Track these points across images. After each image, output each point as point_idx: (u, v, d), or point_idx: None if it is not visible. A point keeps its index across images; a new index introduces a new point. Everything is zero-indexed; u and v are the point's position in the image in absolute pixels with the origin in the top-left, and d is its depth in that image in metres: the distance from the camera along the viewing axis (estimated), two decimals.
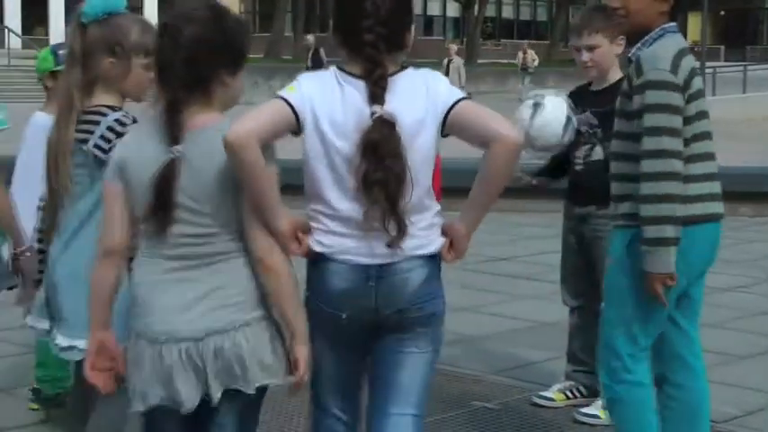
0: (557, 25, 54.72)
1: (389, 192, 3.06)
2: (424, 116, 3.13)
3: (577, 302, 5.31)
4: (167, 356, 3.06)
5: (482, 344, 6.46)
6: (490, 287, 7.82)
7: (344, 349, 3.26)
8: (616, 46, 5.06)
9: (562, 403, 5.29)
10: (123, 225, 3.15)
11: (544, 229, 9.43)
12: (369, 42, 3.08)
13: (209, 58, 3.05)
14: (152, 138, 3.09)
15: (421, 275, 3.19)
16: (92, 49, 3.62)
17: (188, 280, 3.09)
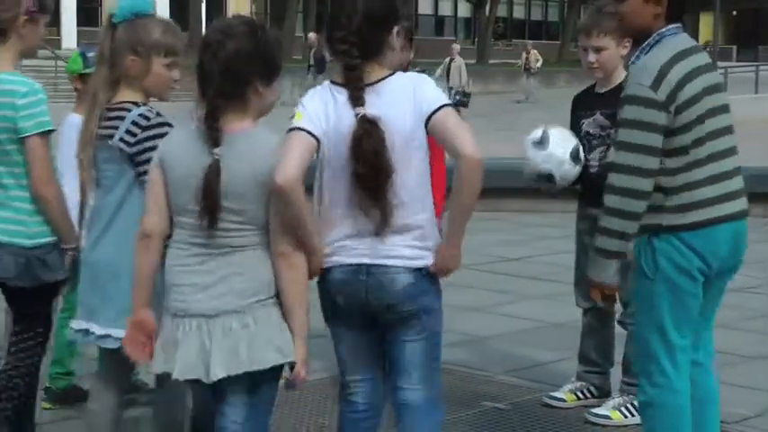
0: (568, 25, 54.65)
1: (372, 183, 3.38)
2: (410, 119, 3.43)
3: (590, 304, 5.29)
4: (180, 329, 3.38)
5: (493, 344, 6.47)
6: (502, 287, 7.82)
7: (350, 328, 3.63)
8: (623, 48, 5.07)
9: (573, 404, 5.29)
10: (161, 211, 3.45)
11: (556, 229, 9.42)
12: (343, 51, 3.43)
13: (245, 69, 3.35)
14: (193, 140, 3.39)
15: (409, 278, 3.52)
16: (118, 49, 3.81)
17: (209, 265, 3.38)
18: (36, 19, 4.08)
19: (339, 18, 3.46)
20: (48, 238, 4.07)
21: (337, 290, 3.55)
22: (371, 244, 3.48)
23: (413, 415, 3.65)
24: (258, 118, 3.44)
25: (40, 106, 4.00)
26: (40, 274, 4.06)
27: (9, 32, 4.06)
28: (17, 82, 4.01)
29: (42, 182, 4.00)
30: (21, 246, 4.04)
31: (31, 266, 4.05)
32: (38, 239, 4.05)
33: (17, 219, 4.05)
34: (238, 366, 3.34)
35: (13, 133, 3.98)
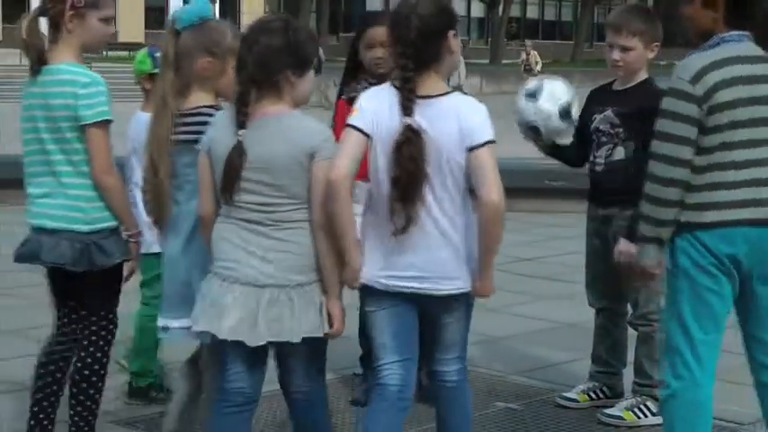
0: (581, 25, 54.63)
1: (403, 187, 3.64)
2: (454, 141, 3.67)
3: (602, 304, 5.30)
4: (229, 295, 3.69)
5: (506, 344, 6.47)
6: (514, 288, 7.82)
7: (393, 312, 3.84)
8: (650, 51, 5.05)
9: (586, 404, 5.29)
10: (210, 193, 3.80)
11: (568, 229, 9.41)
12: (400, 65, 3.69)
13: (276, 60, 3.69)
14: (230, 124, 3.72)
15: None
16: (188, 52, 3.97)
17: (254, 240, 3.70)
18: (83, 14, 4.17)
19: (395, 32, 3.72)
20: (106, 223, 4.19)
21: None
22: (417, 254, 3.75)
23: (452, 392, 3.96)
24: (296, 105, 3.77)
25: (100, 97, 4.11)
26: (95, 259, 4.17)
27: (60, 26, 4.17)
28: (78, 72, 4.13)
29: (102, 170, 4.13)
30: (78, 231, 4.16)
31: (87, 251, 4.16)
32: (96, 225, 4.17)
33: (74, 205, 4.17)
34: (280, 335, 3.68)
35: (74, 121, 4.10)
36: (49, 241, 4.19)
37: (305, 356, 3.82)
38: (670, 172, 3.86)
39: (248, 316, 3.69)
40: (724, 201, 3.87)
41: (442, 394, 4.01)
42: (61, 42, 4.18)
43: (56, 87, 4.13)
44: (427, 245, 3.75)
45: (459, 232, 3.78)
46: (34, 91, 4.20)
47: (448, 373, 3.97)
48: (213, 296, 3.73)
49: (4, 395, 5.39)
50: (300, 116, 3.75)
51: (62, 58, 4.17)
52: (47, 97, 4.15)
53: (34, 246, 4.23)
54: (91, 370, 4.31)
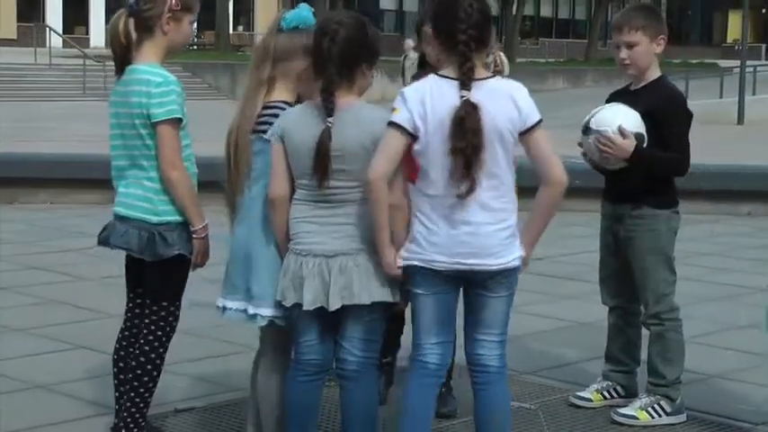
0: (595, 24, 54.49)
1: (467, 158, 3.84)
2: (506, 119, 3.90)
3: (615, 302, 5.28)
4: (305, 267, 4.02)
5: (520, 343, 6.45)
6: (529, 287, 7.78)
7: (436, 291, 4.02)
8: (656, 45, 5.04)
9: (599, 403, 5.28)
10: (286, 178, 4.07)
11: (583, 228, 9.39)
12: (462, 41, 3.88)
13: (357, 53, 4.00)
14: (310, 114, 4.02)
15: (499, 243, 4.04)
16: (289, 52, 4.20)
17: (326, 216, 4.02)
18: (179, 17, 4.37)
19: (457, 13, 3.90)
20: (173, 216, 4.37)
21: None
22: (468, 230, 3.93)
23: (493, 380, 4.08)
24: (360, 95, 4.06)
25: (171, 96, 4.29)
26: (158, 250, 4.36)
27: (154, 29, 4.36)
28: (154, 73, 4.32)
29: (169, 165, 4.31)
30: (147, 221, 4.37)
31: (152, 241, 4.36)
32: (164, 217, 4.36)
33: (145, 196, 4.38)
34: (351, 298, 3.98)
35: (147, 119, 4.30)
36: (121, 227, 4.42)
37: (365, 325, 4.06)
38: None
39: (323, 285, 4.00)
40: None
41: (482, 381, 4.10)
42: (149, 43, 4.37)
43: (135, 86, 4.33)
44: (479, 221, 3.94)
45: (509, 209, 4.00)
46: (118, 89, 4.42)
47: (489, 357, 4.08)
48: (293, 271, 4.04)
49: (14, 393, 5.41)
50: (368, 105, 4.04)
51: (147, 58, 4.36)
52: (127, 95, 4.36)
53: (109, 231, 4.48)
54: (148, 358, 4.44)
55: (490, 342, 4.09)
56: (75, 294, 7.53)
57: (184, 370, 5.75)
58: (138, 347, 4.44)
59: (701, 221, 10.44)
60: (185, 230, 4.40)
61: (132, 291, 4.60)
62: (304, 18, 4.25)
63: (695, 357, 5.66)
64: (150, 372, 4.44)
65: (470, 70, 3.89)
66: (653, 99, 5.00)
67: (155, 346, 4.44)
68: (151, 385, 4.46)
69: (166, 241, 4.36)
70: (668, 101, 5.06)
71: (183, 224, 4.40)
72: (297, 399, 4.17)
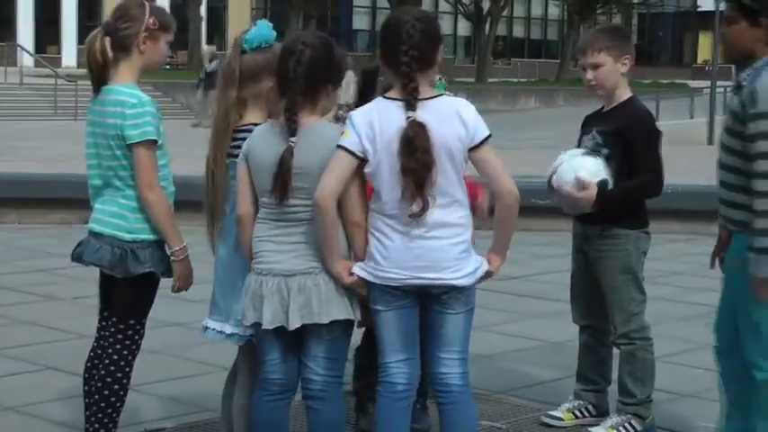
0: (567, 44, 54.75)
1: (418, 178, 3.88)
2: (454, 137, 3.95)
3: (586, 321, 5.30)
4: (264, 286, 4.04)
5: (491, 363, 6.46)
6: (500, 306, 7.82)
7: (398, 309, 4.06)
8: (621, 65, 5.06)
9: (571, 423, 5.29)
10: (250, 197, 4.11)
11: (554, 248, 9.43)
12: (404, 63, 3.93)
13: (322, 74, 4.03)
14: (273, 133, 4.05)
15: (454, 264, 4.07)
16: (255, 73, 4.21)
17: (286, 235, 4.05)
18: (156, 36, 4.37)
19: (401, 34, 3.94)
20: (146, 235, 4.37)
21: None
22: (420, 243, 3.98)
23: (457, 397, 4.08)
24: (323, 116, 4.09)
25: (146, 117, 4.29)
26: (129, 267, 4.35)
27: (131, 48, 4.36)
28: (129, 94, 4.31)
29: (146, 187, 4.31)
30: (119, 238, 4.36)
31: (124, 258, 4.35)
32: (137, 234, 4.36)
33: (120, 213, 4.38)
34: (310, 317, 4.00)
35: (122, 140, 4.30)
36: (95, 244, 4.41)
37: (327, 344, 4.07)
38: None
39: (282, 304, 4.02)
40: None
41: (446, 401, 4.10)
42: (125, 63, 4.37)
43: (110, 107, 4.33)
44: (434, 236, 3.97)
45: (464, 224, 4.03)
46: (95, 109, 4.42)
47: (451, 375, 4.08)
48: (254, 290, 4.08)
49: None
50: (330, 125, 4.10)
51: (123, 78, 4.36)
52: (103, 116, 4.35)
53: (83, 247, 4.47)
54: (115, 378, 4.42)
55: (451, 360, 4.09)
56: (45, 315, 7.47)
57: (155, 390, 5.72)
58: (104, 366, 4.42)
59: (673, 241, 10.50)
60: (159, 249, 4.40)
61: (105, 309, 4.58)
62: (265, 36, 4.25)
63: (667, 376, 5.69)
64: (117, 391, 4.41)
65: (414, 90, 3.93)
66: (622, 120, 5.03)
67: (120, 365, 4.42)
68: (119, 404, 4.44)
69: (138, 259, 4.35)
70: (637, 121, 5.08)
71: (156, 243, 4.39)
72: (263, 418, 4.18)
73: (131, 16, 4.35)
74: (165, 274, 4.44)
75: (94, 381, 4.45)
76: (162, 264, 4.41)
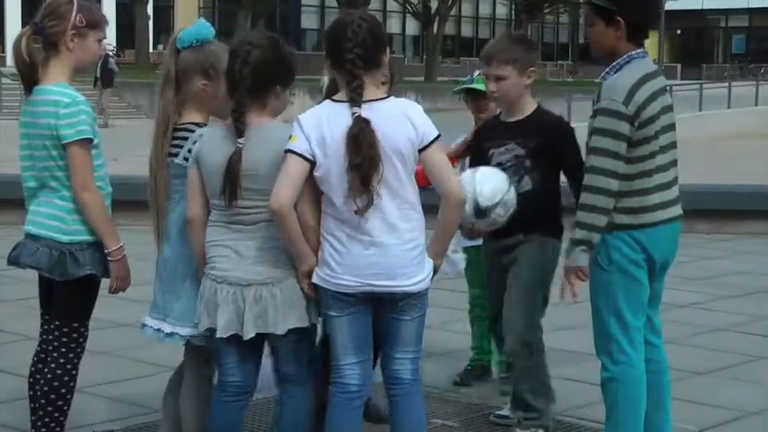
0: None
1: (363, 172, 3.86)
2: (403, 138, 3.94)
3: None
4: (219, 294, 4.02)
5: (443, 361, 6.46)
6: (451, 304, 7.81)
7: (352, 313, 4.06)
8: (526, 78, 4.96)
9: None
10: (200, 200, 4.08)
11: None
12: (348, 60, 3.92)
13: (270, 74, 4.00)
14: (221, 135, 4.04)
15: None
16: (186, 72, 4.19)
17: (240, 240, 4.02)
18: (84, 34, 4.30)
19: (345, 32, 3.94)
20: (85, 236, 4.31)
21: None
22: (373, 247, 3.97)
23: (407, 389, 4.13)
24: (274, 116, 4.07)
25: (81, 116, 4.23)
26: (68, 269, 4.29)
27: (59, 46, 4.30)
28: (62, 93, 4.25)
29: (82, 187, 4.25)
30: (57, 240, 4.31)
31: (62, 260, 4.29)
32: (75, 236, 4.31)
33: (57, 215, 4.31)
34: (266, 327, 4.00)
35: (56, 140, 4.24)
36: (32, 246, 4.35)
37: (293, 347, 4.09)
38: (608, 183, 4.21)
39: (237, 313, 4.01)
40: (653, 204, 4.32)
41: (397, 393, 4.15)
42: (55, 61, 4.32)
43: (43, 107, 4.27)
44: (386, 242, 3.97)
45: (417, 227, 4.02)
46: (27, 110, 4.35)
47: (403, 371, 4.13)
48: (208, 296, 4.06)
49: None
50: (281, 125, 4.05)
51: (55, 77, 4.30)
52: (36, 116, 4.29)
53: (20, 250, 4.40)
54: (61, 381, 4.38)
55: (405, 359, 4.15)
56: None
57: (101, 392, 5.68)
58: (49, 370, 4.37)
59: None
60: (98, 250, 4.35)
61: (46, 311, 4.53)
62: (197, 35, 4.22)
63: None
64: (64, 394, 4.37)
65: (359, 87, 3.93)
66: (540, 136, 4.92)
67: (67, 368, 4.37)
68: (65, 407, 4.39)
69: (77, 261, 4.30)
70: (556, 133, 4.98)
71: (95, 244, 4.34)
72: (221, 419, 4.19)
73: (58, 14, 4.29)
74: (106, 274, 4.39)
75: (39, 385, 4.40)
76: (102, 265, 4.36)
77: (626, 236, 4.30)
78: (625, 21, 4.29)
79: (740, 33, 64.62)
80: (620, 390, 4.40)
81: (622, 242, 4.31)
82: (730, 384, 6.18)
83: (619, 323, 4.36)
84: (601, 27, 4.34)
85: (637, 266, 4.33)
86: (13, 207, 9.98)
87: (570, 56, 66.03)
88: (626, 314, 4.36)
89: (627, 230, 4.30)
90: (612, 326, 4.37)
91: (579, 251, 4.28)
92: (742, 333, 7.38)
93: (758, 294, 8.73)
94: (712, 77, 50.71)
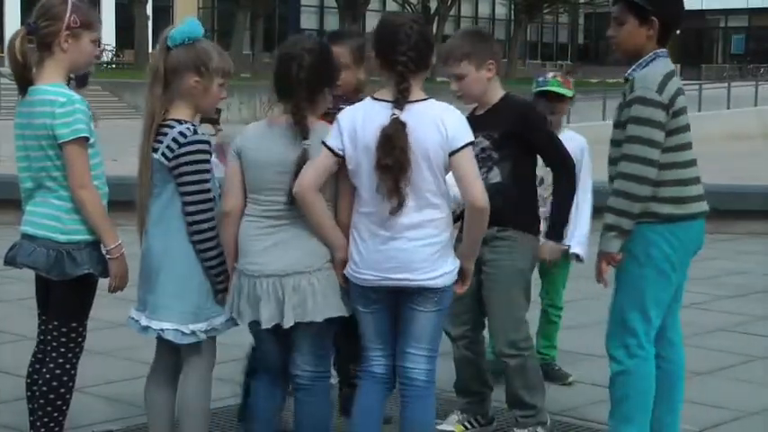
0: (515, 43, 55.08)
1: (395, 174, 3.97)
2: (434, 142, 4.03)
3: (461, 331, 5.09)
4: (259, 288, 4.15)
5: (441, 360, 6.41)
6: None
7: (378, 305, 4.22)
8: (486, 71, 4.87)
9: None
10: (240, 194, 4.21)
11: None
12: (402, 62, 4.04)
13: (322, 77, 4.17)
14: (273, 134, 4.18)
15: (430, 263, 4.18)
16: (177, 69, 4.19)
17: (279, 234, 4.16)
18: (78, 35, 4.30)
19: (398, 34, 4.06)
20: (82, 236, 4.31)
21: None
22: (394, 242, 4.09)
23: (420, 395, 4.23)
24: (318, 116, 4.22)
25: (76, 115, 4.22)
26: (66, 269, 4.29)
27: (53, 47, 4.30)
28: (57, 93, 4.25)
29: (78, 185, 4.25)
30: (54, 240, 4.30)
31: (60, 260, 4.29)
32: (72, 236, 4.30)
33: (54, 215, 4.31)
34: (304, 316, 4.12)
35: (53, 140, 4.23)
36: (29, 246, 4.35)
37: (316, 340, 4.24)
38: (644, 171, 4.27)
39: (278, 303, 4.13)
40: (691, 195, 4.41)
41: (409, 394, 4.23)
42: (50, 62, 4.33)
43: (38, 107, 4.27)
44: (407, 237, 4.07)
45: (440, 226, 4.11)
46: (22, 110, 4.35)
47: (416, 370, 4.20)
48: (248, 291, 4.18)
49: None
50: (327, 127, 4.19)
51: (50, 78, 4.30)
52: (32, 116, 4.29)
53: (16, 250, 4.40)
54: (60, 381, 4.38)
55: (418, 356, 4.19)
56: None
57: (101, 392, 5.67)
58: (48, 370, 4.37)
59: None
60: (96, 250, 4.35)
61: (43, 311, 4.52)
62: (188, 33, 4.23)
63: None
64: (63, 394, 4.37)
65: (406, 90, 4.03)
66: (504, 125, 4.86)
67: (66, 368, 4.37)
68: (64, 407, 4.39)
69: (75, 261, 4.30)
70: (520, 119, 4.91)
71: (93, 243, 4.34)
72: (260, 403, 4.37)
73: (52, 14, 4.29)
74: (104, 274, 4.39)
75: (38, 385, 4.40)
76: (100, 264, 4.36)
77: (666, 231, 4.36)
78: (659, 21, 4.35)
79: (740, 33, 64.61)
80: (633, 383, 4.44)
81: (662, 238, 4.36)
82: (730, 384, 6.19)
83: (643, 318, 4.41)
84: (633, 26, 4.38)
85: (671, 265, 4.40)
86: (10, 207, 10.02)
87: (569, 56, 66.03)
88: (651, 310, 4.41)
89: (668, 223, 4.35)
90: (636, 320, 4.41)
91: (611, 237, 4.33)
92: (742, 333, 7.39)
93: (758, 294, 8.74)
94: (712, 78, 50.72)
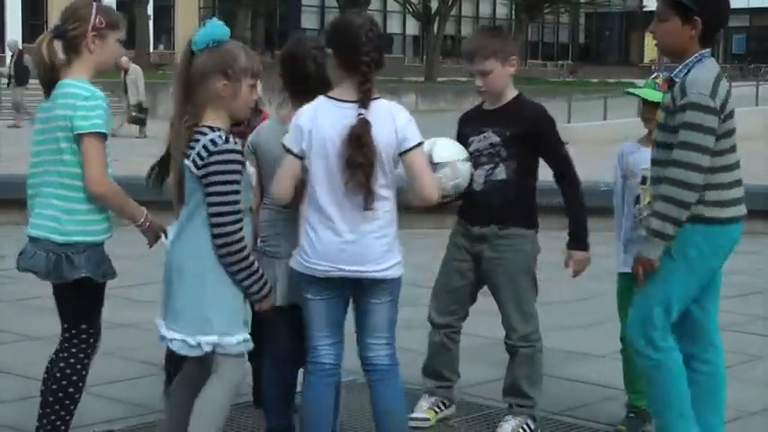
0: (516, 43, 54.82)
1: (365, 171, 4.10)
2: (387, 140, 4.17)
3: (445, 320, 5.22)
4: (277, 267, 4.47)
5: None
6: None
7: (328, 296, 4.33)
8: (509, 67, 5.00)
9: (434, 419, 5.26)
10: (258, 185, 4.54)
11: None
12: (365, 63, 4.16)
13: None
14: (278, 129, 4.48)
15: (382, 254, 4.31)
16: (203, 74, 4.09)
17: (290, 221, 4.41)
18: (105, 35, 4.35)
19: (360, 36, 4.17)
20: (79, 237, 4.30)
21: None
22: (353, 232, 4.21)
23: (384, 374, 4.35)
24: None
25: (98, 110, 4.25)
26: (64, 272, 4.29)
27: (81, 48, 4.35)
28: (82, 87, 4.30)
29: (95, 181, 4.26)
30: (53, 241, 4.30)
31: (59, 263, 4.29)
32: (71, 237, 4.29)
33: (53, 216, 4.32)
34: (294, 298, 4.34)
35: (69, 131, 4.23)
36: (30, 249, 4.37)
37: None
38: (693, 177, 4.26)
39: (291, 282, 4.40)
40: (734, 198, 4.40)
41: (373, 378, 4.37)
42: (77, 62, 4.37)
43: (61, 100, 4.30)
44: (362, 231, 4.20)
45: (389, 220, 4.25)
46: (45, 105, 4.39)
47: (378, 357, 4.36)
48: (267, 273, 4.26)
49: None
50: None
51: (76, 75, 4.34)
52: (53, 109, 4.32)
53: (21, 254, 4.41)
54: (69, 381, 4.41)
55: (379, 345, 4.36)
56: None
57: (102, 392, 5.67)
58: (58, 368, 4.40)
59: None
60: (95, 253, 4.36)
61: (59, 314, 4.52)
62: (212, 35, 4.12)
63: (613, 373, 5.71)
64: (72, 394, 4.40)
65: (369, 90, 4.17)
66: (516, 125, 4.95)
67: (77, 368, 4.40)
68: (72, 407, 4.42)
69: (72, 264, 4.30)
70: (533, 122, 5.01)
71: (92, 246, 4.34)
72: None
73: (79, 16, 4.35)
74: (104, 277, 4.39)
75: (49, 384, 4.43)
76: (99, 268, 4.36)
77: (706, 232, 4.35)
78: (703, 21, 4.31)
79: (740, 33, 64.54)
80: (669, 374, 4.44)
81: (702, 239, 4.36)
82: (730, 384, 6.17)
83: (665, 314, 4.42)
84: (675, 24, 4.35)
85: (705, 267, 4.41)
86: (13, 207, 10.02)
87: (570, 56, 65.97)
88: (674, 307, 4.42)
89: (710, 224, 4.34)
90: (659, 315, 4.41)
91: (656, 243, 4.32)
92: (742, 333, 7.39)
93: (758, 294, 8.75)
94: None
